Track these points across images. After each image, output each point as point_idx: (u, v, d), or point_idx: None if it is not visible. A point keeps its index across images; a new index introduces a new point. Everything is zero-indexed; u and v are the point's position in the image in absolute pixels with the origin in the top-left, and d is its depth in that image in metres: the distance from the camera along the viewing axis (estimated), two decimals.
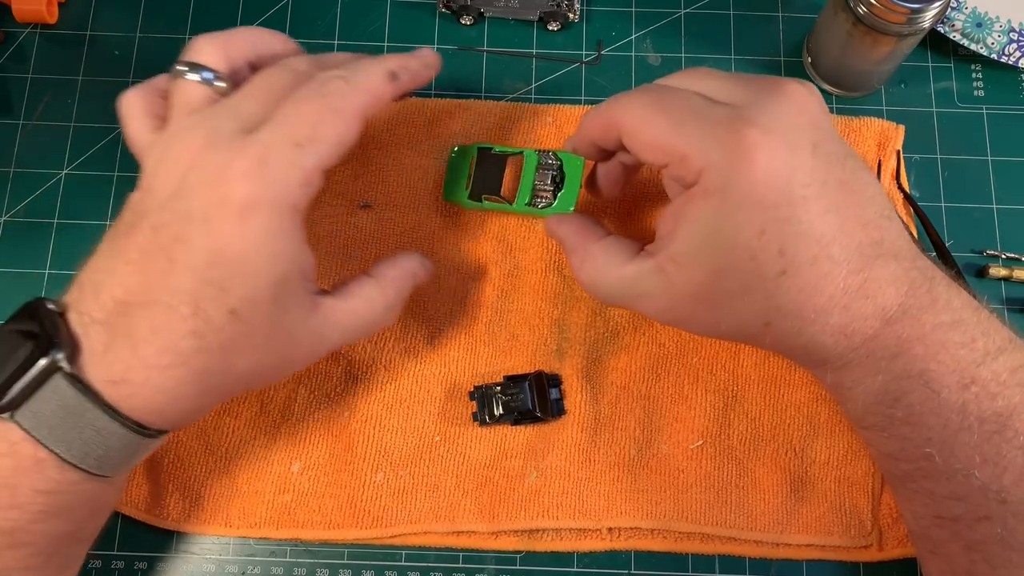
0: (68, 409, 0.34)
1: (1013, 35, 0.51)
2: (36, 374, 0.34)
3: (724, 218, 0.34)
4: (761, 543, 0.45)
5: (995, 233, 0.50)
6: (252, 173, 0.34)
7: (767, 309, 0.36)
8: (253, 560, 0.46)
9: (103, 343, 0.34)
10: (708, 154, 0.35)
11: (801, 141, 0.35)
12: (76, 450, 0.35)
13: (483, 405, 0.46)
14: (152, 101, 0.40)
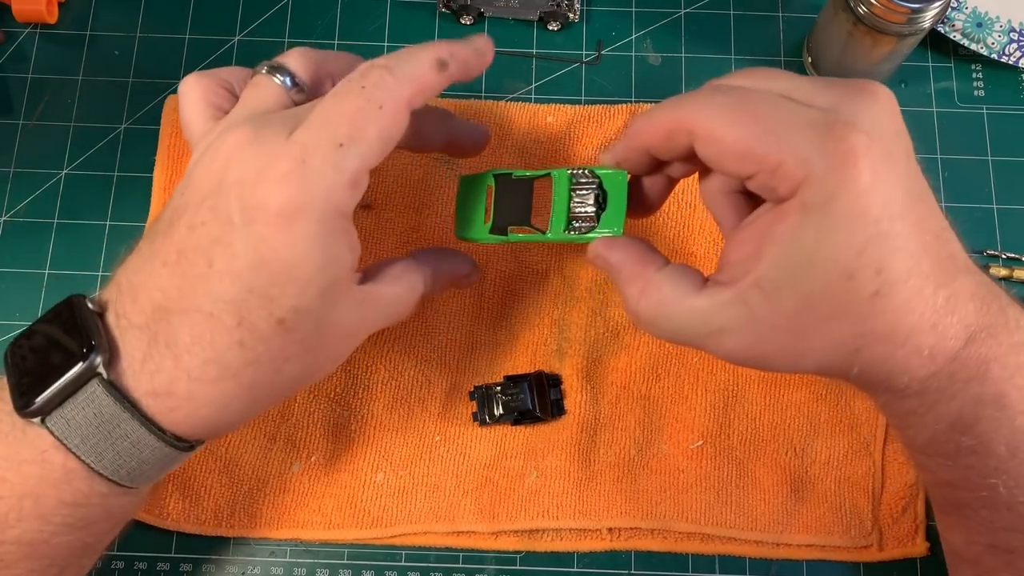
0: (103, 418, 0.32)
1: (1013, 35, 0.51)
2: (71, 378, 0.32)
3: (825, 236, 0.31)
4: (761, 543, 0.45)
5: (995, 233, 0.50)
6: (292, 176, 0.32)
7: (858, 335, 0.32)
8: (253, 560, 0.46)
9: (142, 351, 0.33)
10: (810, 162, 0.30)
11: (898, 149, 0.32)
12: (109, 461, 0.33)
13: (483, 405, 0.46)
14: (214, 90, 0.38)
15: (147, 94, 0.53)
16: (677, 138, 0.34)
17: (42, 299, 0.49)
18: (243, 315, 0.32)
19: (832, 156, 0.30)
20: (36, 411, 0.32)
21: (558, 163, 0.50)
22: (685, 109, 0.33)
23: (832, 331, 0.32)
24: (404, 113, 0.34)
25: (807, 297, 0.31)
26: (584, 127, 0.51)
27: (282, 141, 0.32)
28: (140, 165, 0.51)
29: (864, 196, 0.30)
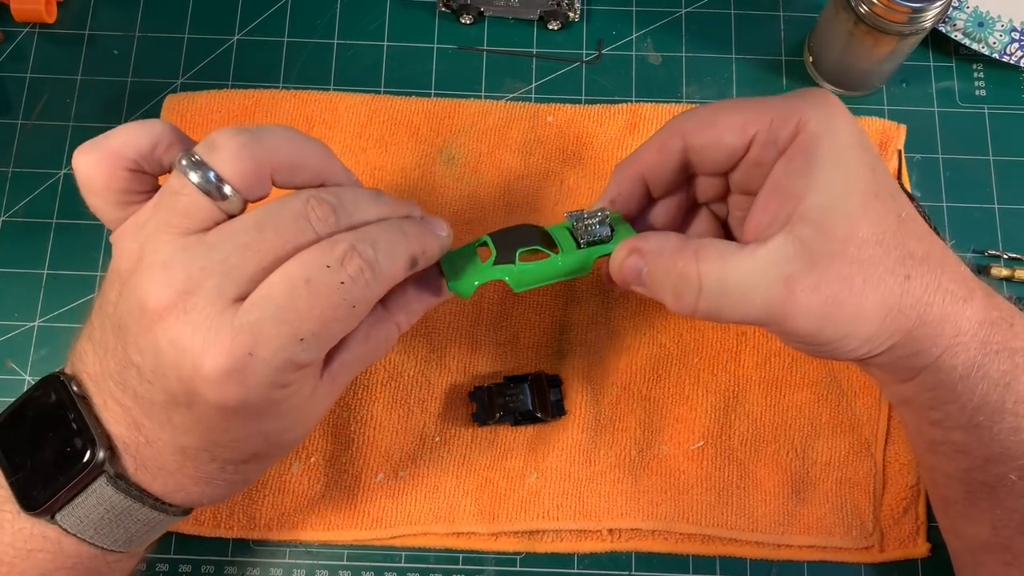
0: (115, 512, 0.33)
1: (1015, 34, 0.51)
2: (80, 479, 0.31)
3: (840, 156, 0.33)
4: (762, 544, 0.45)
5: (997, 233, 0.50)
6: (236, 372, 0.29)
7: (902, 258, 0.33)
8: (252, 561, 0.46)
9: (134, 439, 0.32)
10: (799, 106, 0.34)
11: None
12: (122, 542, 0.34)
13: (483, 406, 0.46)
14: (116, 176, 0.32)
15: (146, 94, 0.53)
16: (670, 150, 0.36)
17: (41, 299, 0.49)
18: (215, 454, 0.33)
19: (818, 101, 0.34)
20: (45, 511, 0.32)
21: (558, 163, 0.50)
22: (672, 125, 0.36)
23: (883, 257, 0.33)
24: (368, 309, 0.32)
25: (850, 219, 0.32)
26: (584, 127, 0.51)
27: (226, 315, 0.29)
28: None
29: (855, 130, 0.34)
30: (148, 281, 0.30)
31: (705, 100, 0.52)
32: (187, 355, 0.29)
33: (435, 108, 0.51)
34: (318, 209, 0.31)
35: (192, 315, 0.29)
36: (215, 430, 0.31)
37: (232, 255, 0.30)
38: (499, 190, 0.50)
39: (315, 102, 0.51)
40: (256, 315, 0.29)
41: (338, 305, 0.30)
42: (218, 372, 0.29)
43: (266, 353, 0.29)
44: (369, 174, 0.50)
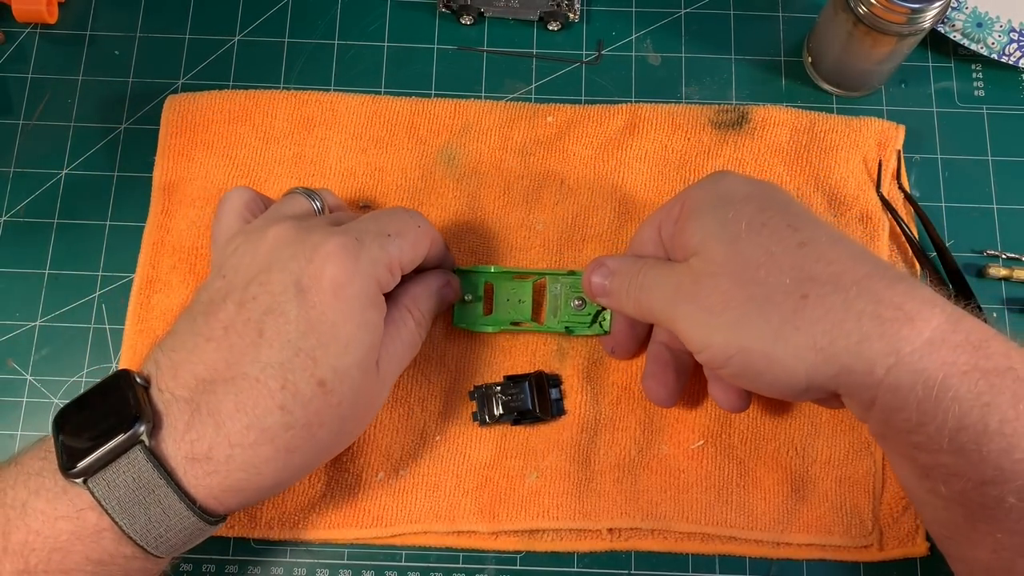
0: (141, 483, 0.34)
1: (1013, 35, 0.51)
2: (116, 444, 0.34)
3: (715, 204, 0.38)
4: (761, 543, 0.45)
5: (995, 233, 0.50)
6: (349, 249, 0.37)
7: (800, 280, 0.35)
8: (254, 560, 0.46)
9: (184, 421, 0.35)
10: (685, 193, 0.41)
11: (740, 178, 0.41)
12: (140, 525, 0.34)
13: (483, 405, 0.46)
14: (255, 201, 0.43)
15: (147, 94, 0.53)
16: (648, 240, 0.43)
17: (42, 299, 0.49)
18: (287, 378, 0.35)
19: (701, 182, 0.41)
20: (80, 472, 0.34)
21: (558, 163, 0.50)
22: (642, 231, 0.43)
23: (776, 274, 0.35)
24: (429, 242, 0.42)
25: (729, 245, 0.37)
26: (584, 127, 0.51)
27: (332, 230, 0.38)
28: (140, 165, 0.51)
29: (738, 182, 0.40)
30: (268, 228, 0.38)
31: (705, 100, 0.52)
32: (305, 247, 0.37)
33: (435, 108, 0.51)
34: None
35: (307, 232, 0.38)
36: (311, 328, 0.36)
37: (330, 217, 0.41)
38: (499, 190, 0.50)
39: (315, 103, 0.51)
40: (354, 224, 0.39)
41: (408, 221, 0.41)
42: (335, 249, 0.36)
43: (368, 240, 0.38)
44: (369, 174, 0.50)
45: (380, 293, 0.38)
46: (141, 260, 0.49)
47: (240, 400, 0.35)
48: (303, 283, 0.36)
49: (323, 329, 0.36)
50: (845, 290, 0.34)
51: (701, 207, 0.39)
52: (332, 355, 0.36)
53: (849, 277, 0.35)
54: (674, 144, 0.50)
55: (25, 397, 0.48)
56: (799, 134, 0.51)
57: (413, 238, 0.40)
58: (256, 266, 0.37)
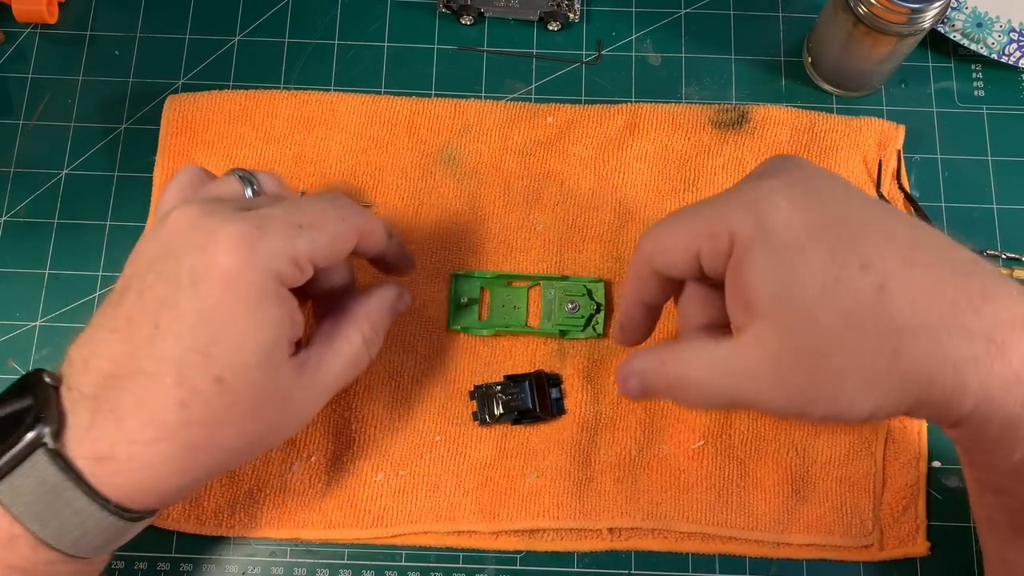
0: (47, 486, 0.33)
1: (1013, 35, 0.51)
2: (20, 449, 0.33)
3: (780, 260, 0.31)
4: (762, 543, 0.45)
5: (995, 233, 0.50)
6: (245, 237, 0.34)
7: (887, 333, 0.30)
8: (253, 560, 0.46)
9: (88, 419, 0.33)
10: (728, 216, 0.33)
11: (812, 174, 0.34)
12: (52, 529, 0.33)
13: (483, 404, 0.46)
14: (199, 182, 0.40)
15: (147, 94, 0.53)
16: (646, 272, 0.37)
17: (42, 299, 0.49)
18: (183, 373, 0.33)
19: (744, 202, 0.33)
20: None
21: (558, 163, 0.50)
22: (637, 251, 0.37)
23: (857, 340, 0.31)
24: (355, 236, 0.38)
25: (808, 314, 0.31)
26: (584, 127, 0.51)
27: (233, 216, 0.35)
28: (140, 165, 0.51)
29: (796, 212, 0.32)
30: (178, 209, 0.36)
31: (705, 100, 0.52)
32: (201, 230, 0.34)
33: (435, 108, 0.51)
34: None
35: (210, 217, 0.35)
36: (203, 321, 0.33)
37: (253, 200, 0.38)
38: (499, 190, 0.50)
39: (315, 103, 0.51)
40: (264, 210, 0.36)
41: (327, 210, 0.37)
42: (232, 237, 0.34)
43: (270, 229, 0.34)
44: (369, 174, 0.50)
45: (281, 287, 0.35)
46: None
47: (139, 396, 0.33)
48: (196, 273, 0.34)
49: (216, 323, 0.34)
50: (936, 333, 0.30)
51: (757, 251, 0.32)
52: (227, 351, 0.34)
53: (936, 312, 0.30)
54: (674, 144, 0.50)
55: None
56: (799, 134, 0.51)
57: (332, 231, 0.37)
58: (156, 251, 0.35)
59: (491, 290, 0.48)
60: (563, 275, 0.48)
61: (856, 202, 0.33)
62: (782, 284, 0.32)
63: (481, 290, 0.48)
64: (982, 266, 0.32)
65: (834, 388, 0.32)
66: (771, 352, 0.32)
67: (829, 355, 0.31)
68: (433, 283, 0.49)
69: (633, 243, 0.49)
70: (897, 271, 0.31)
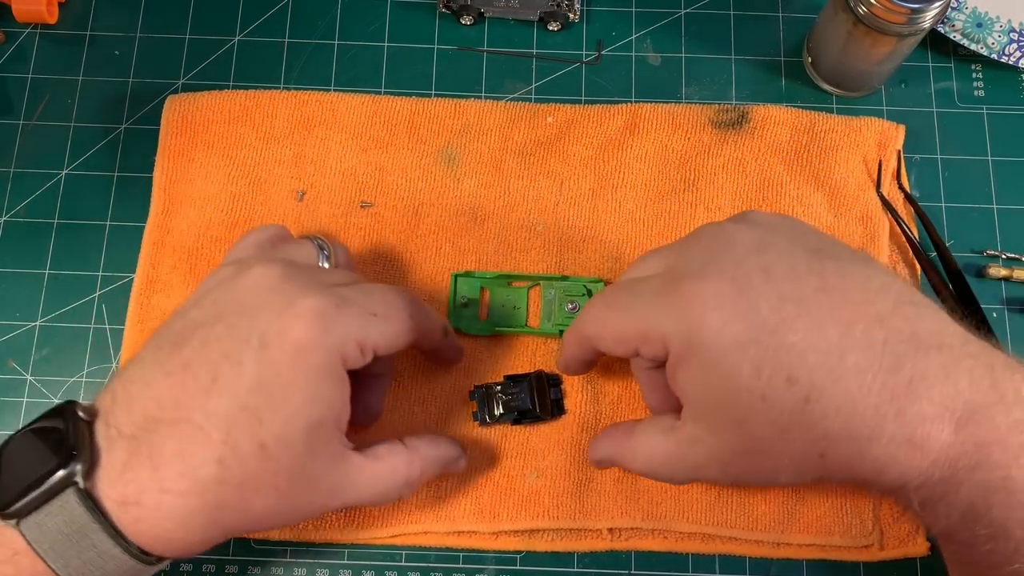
0: (74, 526, 0.33)
1: (1013, 35, 0.51)
2: (50, 486, 0.33)
3: (710, 374, 0.33)
4: (762, 543, 0.45)
5: (995, 233, 0.50)
6: (323, 314, 0.35)
7: (814, 440, 0.33)
8: (254, 560, 0.46)
9: (123, 460, 0.33)
10: (660, 324, 0.34)
11: (744, 271, 0.34)
12: (74, 569, 0.33)
13: (483, 405, 0.46)
14: (277, 239, 0.42)
15: (147, 94, 0.53)
16: (585, 345, 0.40)
17: (42, 299, 0.49)
18: (230, 432, 0.33)
19: (674, 310, 0.34)
20: (13, 514, 0.33)
21: (558, 163, 0.50)
22: (581, 323, 0.40)
23: (787, 445, 0.33)
24: (415, 334, 0.39)
25: (739, 423, 0.34)
26: (584, 127, 0.51)
27: (317, 285, 0.36)
28: (140, 165, 0.51)
29: (723, 329, 0.33)
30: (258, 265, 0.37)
31: (705, 100, 0.52)
32: (283, 295, 0.35)
33: (435, 108, 0.51)
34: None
35: (291, 282, 0.36)
36: (262, 386, 0.34)
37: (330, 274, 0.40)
38: (499, 190, 0.50)
39: (315, 103, 0.51)
40: (344, 290, 0.37)
41: (401, 305, 0.38)
42: (310, 311, 0.34)
43: (348, 313, 0.35)
44: (369, 174, 0.50)
45: (343, 368, 0.36)
46: (141, 260, 0.49)
47: (181, 446, 0.33)
48: (267, 337, 0.34)
49: (274, 391, 0.34)
50: (857, 440, 0.32)
51: (688, 364, 0.34)
52: (279, 420, 0.34)
53: (859, 421, 0.32)
54: (674, 144, 0.50)
55: (25, 397, 0.48)
56: (799, 134, 0.51)
57: (399, 326, 0.38)
58: (230, 304, 0.35)
59: (491, 290, 0.48)
60: (563, 275, 0.48)
61: (792, 293, 0.33)
62: (714, 397, 0.34)
63: (481, 290, 0.48)
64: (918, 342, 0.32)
65: (768, 478, 0.36)
66: (711, 450, 0.35)
67: (763, 455, 0.34)
68: (433, 283, 0.49)
69: (633, 243, 0.49)
70: (822, 385, 0.32)
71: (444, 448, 0.42)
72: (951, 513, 0.33)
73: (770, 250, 0.34)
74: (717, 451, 0.35)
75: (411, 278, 0.49)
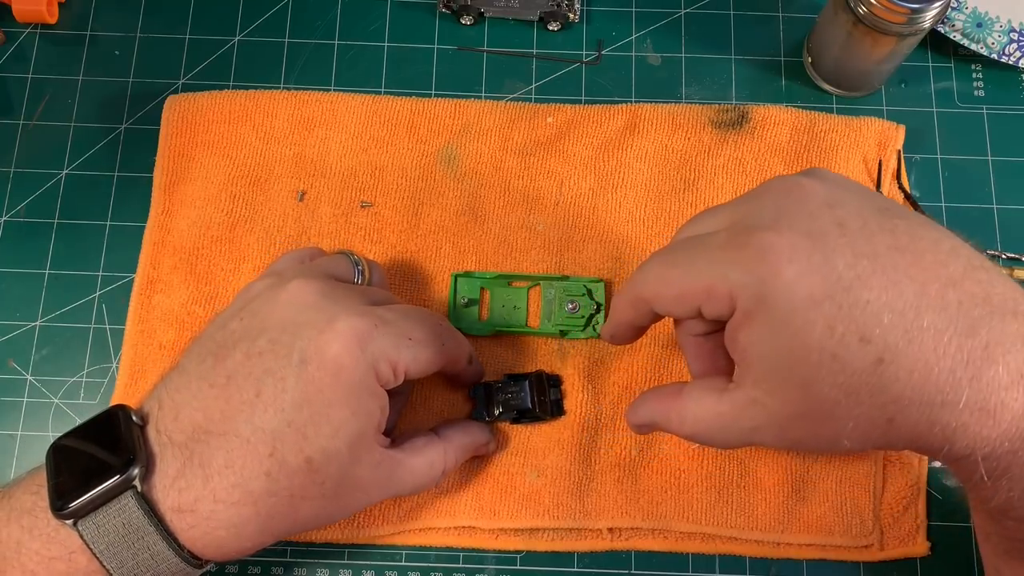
0: (130, 528, 0.34)
1: (1013, 35, 0.51)
2: (108, 487, 0.34)
3: (780, 332, 0.31)
4: (762, 543, 0.45)
5: (995, 233, 0.50)
6: (362, 335, 0.36)
7: (883, 404, 0.31)
8: (254, 560, 0.46)
9: (176, 468, 0.34)
10: (729, 278, 0.32)
11: (819, 225, 0.32)
12: (128, 570, 0.34)
13: (483, 403, 0.46)
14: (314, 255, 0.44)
15: (147, 94, 0.53)
16: (642, 308, 0.37)
17: (42, 299, 0.49)
18: (276, 447, 0.35)
19: (746, 263, 0.32)
20: (71, 514, 0.34)
21: (558, 163, 0.50)
22: (636, 283, 0.37)
23: (853, 408, 0.31)
24: (445, 361, 0.40)
25: (806, 384, 0.32)
26: (584, 127, 0.51)
27: (357, 304, 0.37)
28: (140, 165, 0.51)
29: (797, 284, 0.31)
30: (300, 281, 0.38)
31: (705, 100, 0.52)
32: (323, 313, 0.36)
33: (435, 108, 0.51)
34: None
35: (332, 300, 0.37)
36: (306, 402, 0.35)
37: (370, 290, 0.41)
38: (499, 190, 0.50)
39: (316, 103, 0.51)
40: (382, 311, 0.38)
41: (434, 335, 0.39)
42: (348, 329, 0.36)
43: (385, 333, 0.37)
44: (369, 174, 0.50)
45: (378, 385, 0.37)
46: (142, 260, 0.49)
47: (230, 457, 0.34)
48: (307, 354, 0.35)
49: (317, 407, 0.35)
50: (929, 406, 0.31)
51: (756, 321, 0.32)
52: (323, 435, 0.35)
53: (932, 386, 0.30)
54: (674, 144, 0.50)
55: (25, 397, 0.48)
56: (799, 134, 0.51)
57: (432, 354, 0.39)
58: (273, 319, 0.37)
59: (491, 290, 0.48)
60: (563, 275, 0.48)
61: (866, 249, 0.31)
62: (780, 356, 0.32)
63: (481, 290, 0.48)
64: (992, 307, 0.31)
65: (830, 442, 0.33)
66: (771, 413, 0.33)
67: (826, 419, 0.32)
68: (433, 283, 0.49)
69: (633, 243, 0.49)
70: (896, 345, 0.30)
71: (475, 434, 0.44)
72: (1014, 487, 0.32)
73: (843, 205, 0.32)
74: (777, 414, 0.33)
75: (411, 278, 0.49)
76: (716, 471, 0.46)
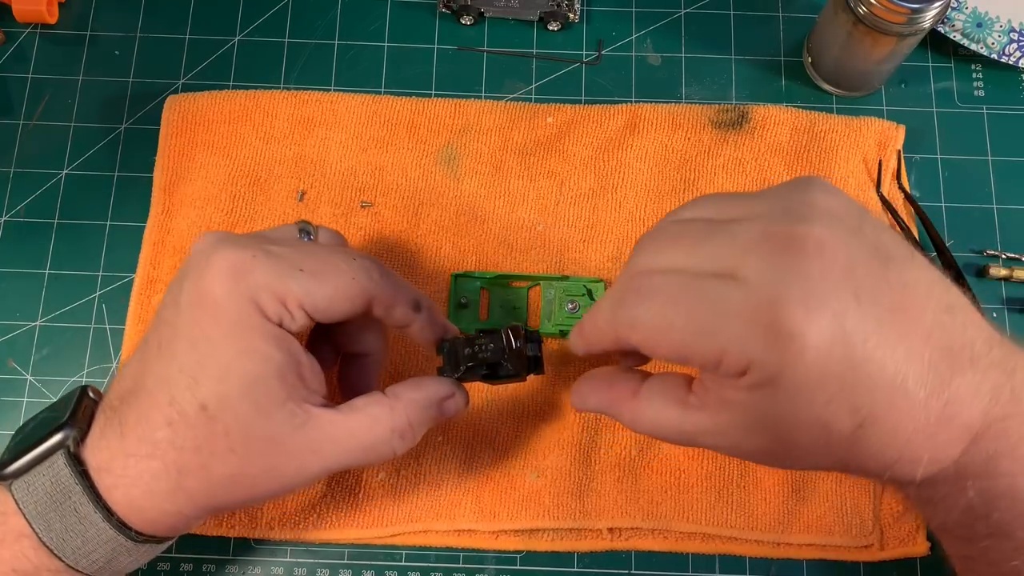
0: (59, 487, 0.34)
1: (1013, 35, 0.51)
2: (44, 449, 0.35)
3: (780, 401, 0.31)
4: (762, 543, 0.45)
5: (995, 233, 0.50)
6: (235, 266, 0.34)
7: (845, 459, 0.32)
8: (254, 560, 0.46)
9: (100, 428, 0.35)
10: (747, 350, 0.30)
11: (840, 302, 0.30)
12: (56, 533, 0.34)
13: (450, 358, 0.40)
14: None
15: (147, 94, 0.53)
16: (624, 344, 0.34)
17: (42, 299, 0.49)
18: (174, 395, 0.34)
19: (769, 339, 0.30)
20: (9, 475, 0.35)
21: (558, 163, 0.50)
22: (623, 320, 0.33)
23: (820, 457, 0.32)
24: (362, 299, 0.36)
25: (784, 439, 0.32)
26: (584, 127, 0.51)
27: (237, 245, 0.35)
28: (140, 165, 0.51)
29: (816, 365, 0.30)
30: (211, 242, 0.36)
31: (705, 100, 0.52)
32: (204, 255, 0.35)
33: (435, 108, 0.51)
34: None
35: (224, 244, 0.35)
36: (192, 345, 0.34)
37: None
38: (499, 190, 0.50)
39: (316, 103, 0.51)
40: (274, 248, 0.36)
41: (340, 265, 0.36)
42: (228, 264, 0.34)
43: (264, 263, 0.34)
44: (369, 174, 0.50)
45: (267, 323, 0.34)
46: (142, 260, 0.49)
47: (140, 412, 0.34)
48: (191, 296, 0.34)
49: (203, 350, 0.34)
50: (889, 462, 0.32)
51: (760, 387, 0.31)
52: (212, 378, 0.34)
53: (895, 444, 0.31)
54: (674, 144, 0.50)
55: (25, 397, 0.48)
56: (799, 134, 0.51)
57: (335, 286, 0.35)
58: (177, 276, 0.36)
59: (491, 290, 0.48)
60: (563, 275, 0.48)
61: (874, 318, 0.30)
62: (769, 417, 0.32)
63: (481, 290, 0.48)
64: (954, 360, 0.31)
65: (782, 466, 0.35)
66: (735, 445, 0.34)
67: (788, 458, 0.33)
68: (433, 283, 0.49)
69: (633, 243, 0.49)
70: (877, 413, 0.31)
71: (429, 388, 0.38)
72: (951, 511, 0.33)
73: (857, 262, 0.31)
74: (742, 447, 0.33)
75: (411, 278, 0.49)
76: (716, 471, 0.46)
